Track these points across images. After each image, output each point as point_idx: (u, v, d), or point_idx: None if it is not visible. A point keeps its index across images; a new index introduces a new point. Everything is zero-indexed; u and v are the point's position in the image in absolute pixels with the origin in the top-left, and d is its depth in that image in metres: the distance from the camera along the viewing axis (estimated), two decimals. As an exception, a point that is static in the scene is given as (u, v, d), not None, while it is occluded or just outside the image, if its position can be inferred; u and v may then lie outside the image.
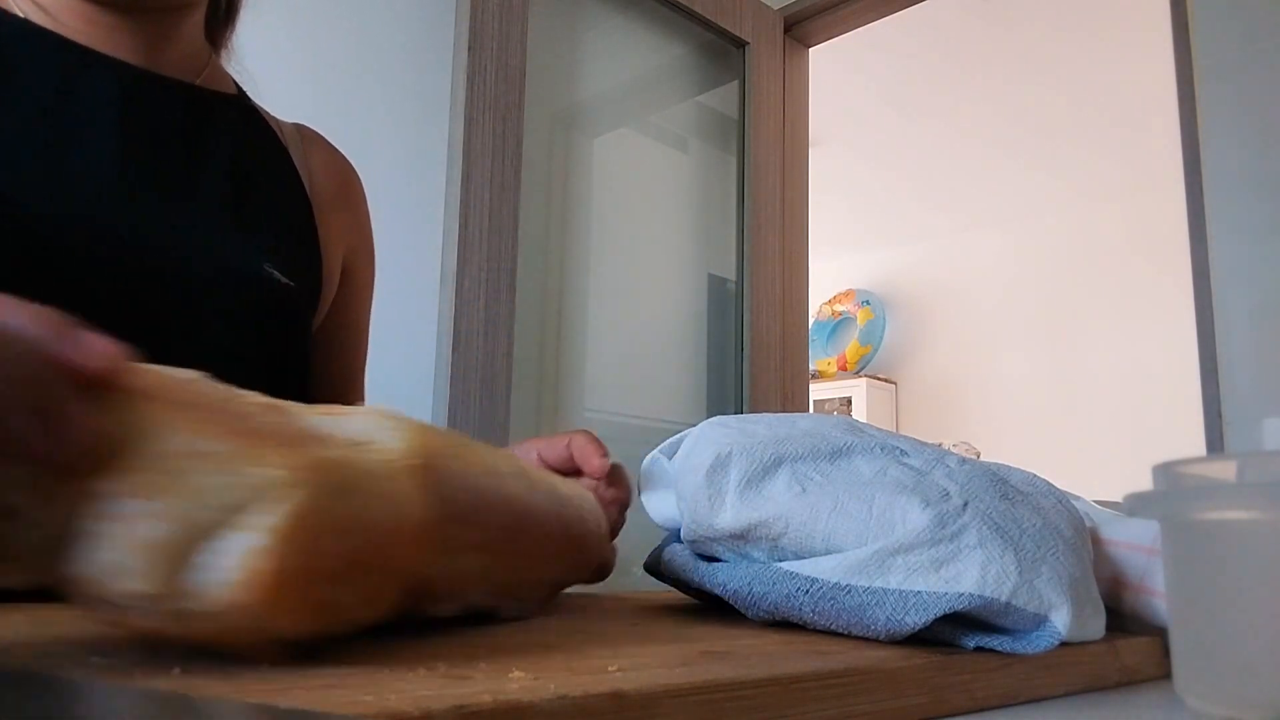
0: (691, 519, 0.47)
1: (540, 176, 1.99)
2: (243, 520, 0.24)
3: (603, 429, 2.03)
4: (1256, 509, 0.33)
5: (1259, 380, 1.61)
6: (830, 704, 0.30)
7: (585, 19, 2.15)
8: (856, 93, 3.49)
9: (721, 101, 2.38)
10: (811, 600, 0.40)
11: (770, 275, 2.30)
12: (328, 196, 0.77)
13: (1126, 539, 0.48)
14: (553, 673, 0.27)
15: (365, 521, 0.27)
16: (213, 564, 0.24)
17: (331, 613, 0.27)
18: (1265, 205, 1.64)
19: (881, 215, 4.72)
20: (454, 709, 0.21)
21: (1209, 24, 1.72)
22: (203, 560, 0.24)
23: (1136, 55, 3.13)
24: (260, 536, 0.24)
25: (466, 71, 1.75)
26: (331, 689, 0.23)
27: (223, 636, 0.25)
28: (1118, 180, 4.13)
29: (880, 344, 5.01)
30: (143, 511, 0.24)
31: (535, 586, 0.44)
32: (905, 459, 0.46)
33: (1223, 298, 1.66)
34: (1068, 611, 0.38)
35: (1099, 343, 4.32)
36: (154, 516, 0.24)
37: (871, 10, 2.34)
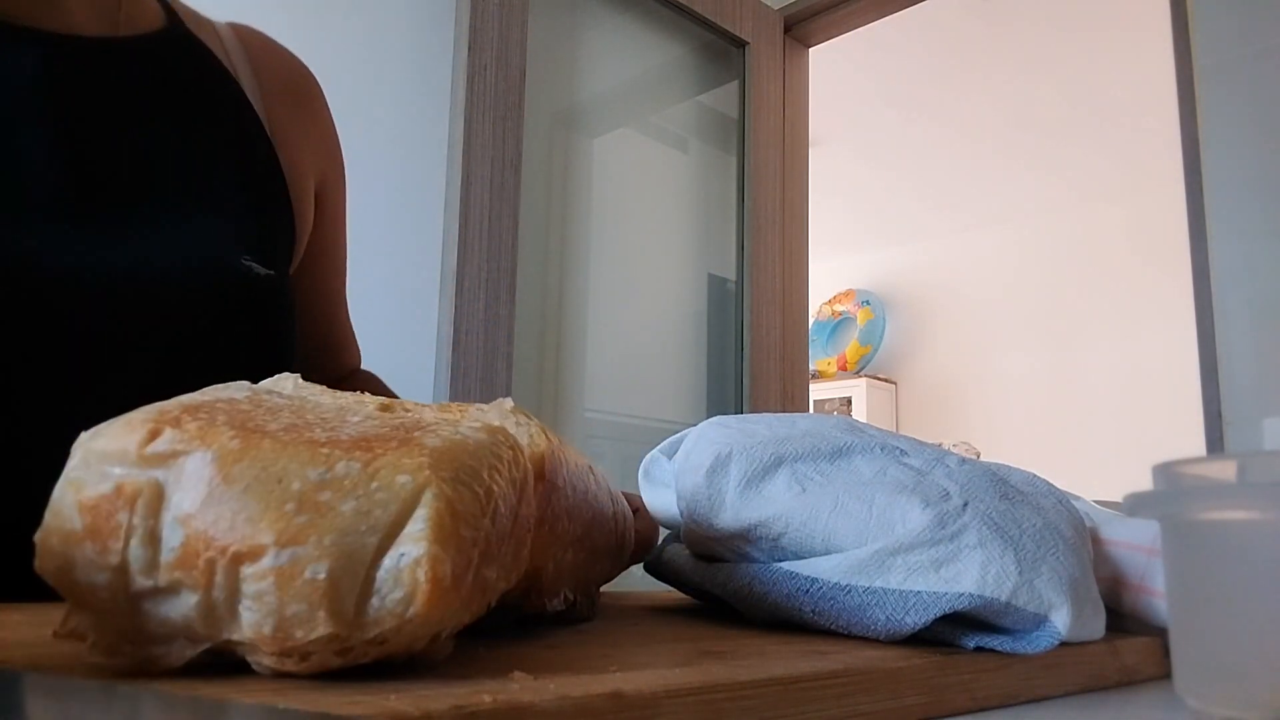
0: (691, 519, 0.47)
1: (540, 177, 1.99)
2: (399, 534, 0.24)
3: (603, 429, 2.04)
4: (1256, 509, 0.33)
5: (1259, 380, 1.61)
6: (830, 704, 0.30)
7: (585, 19, 2.15)
8: (856, 93, 3.49)
9: (721, 101, 2.38)
10: (811, 600, 0.40)
11: (770, 275, 2.30)
12: (286, 119, 0.70)
13: (1126, 539, 0.48)
14: (553, 673, 0.27)
15: (495, 494, 0.27)
16: (386, 585, 0.24)
17: (488, 591, 0.27)
18: (1265, 205, 1.64)
19: (881, 215, 4.72)
20: (454, 709, 0.21)
21: (1209, 24, 1.72)
22: (377, 585, 0.24)
23: (1136, 55, 3.13)
24: (420, 545, 0.24)
25: (466, 71, 1.75)
26: (331, 689, 0.23)
27: (401, 649, 0.25)
28: (1117, 180, 4.13)
29: (880, 344, 5.01)
30: (300, 558, 0.23)
31: (598, 583, 0.45)
32: (905, 459, 0.46)
33: (1223, 298, 1.66)
34: (1068, 611, 0.38)
35: (1099, 343, 4.32)
36: (313, 560, 0.23)
37: (871, 10, 2.34)
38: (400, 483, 0.25)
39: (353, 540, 0.24)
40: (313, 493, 0.24)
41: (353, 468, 0.25)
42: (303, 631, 0.23)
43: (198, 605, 0.24)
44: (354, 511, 0.24)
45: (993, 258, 4.74)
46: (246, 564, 0.23)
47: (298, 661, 0.24)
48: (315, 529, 0.23)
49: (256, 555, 0.23)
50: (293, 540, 0.23)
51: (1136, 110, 3.49)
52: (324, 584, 0.23)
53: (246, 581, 0.23)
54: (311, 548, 0.23)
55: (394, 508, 0.24)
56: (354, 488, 0.24)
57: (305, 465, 0.25)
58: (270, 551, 0.23)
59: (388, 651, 0.25)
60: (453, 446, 0.26)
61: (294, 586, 0.23)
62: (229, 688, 0.23)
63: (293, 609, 0.23)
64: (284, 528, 0.23)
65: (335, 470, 0.25)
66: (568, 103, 2.12)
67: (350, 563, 0.23)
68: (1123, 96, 3.42)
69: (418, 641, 0.25)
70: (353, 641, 0.24)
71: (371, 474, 0.25)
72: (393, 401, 0.36)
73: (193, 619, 0.24)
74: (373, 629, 0.24)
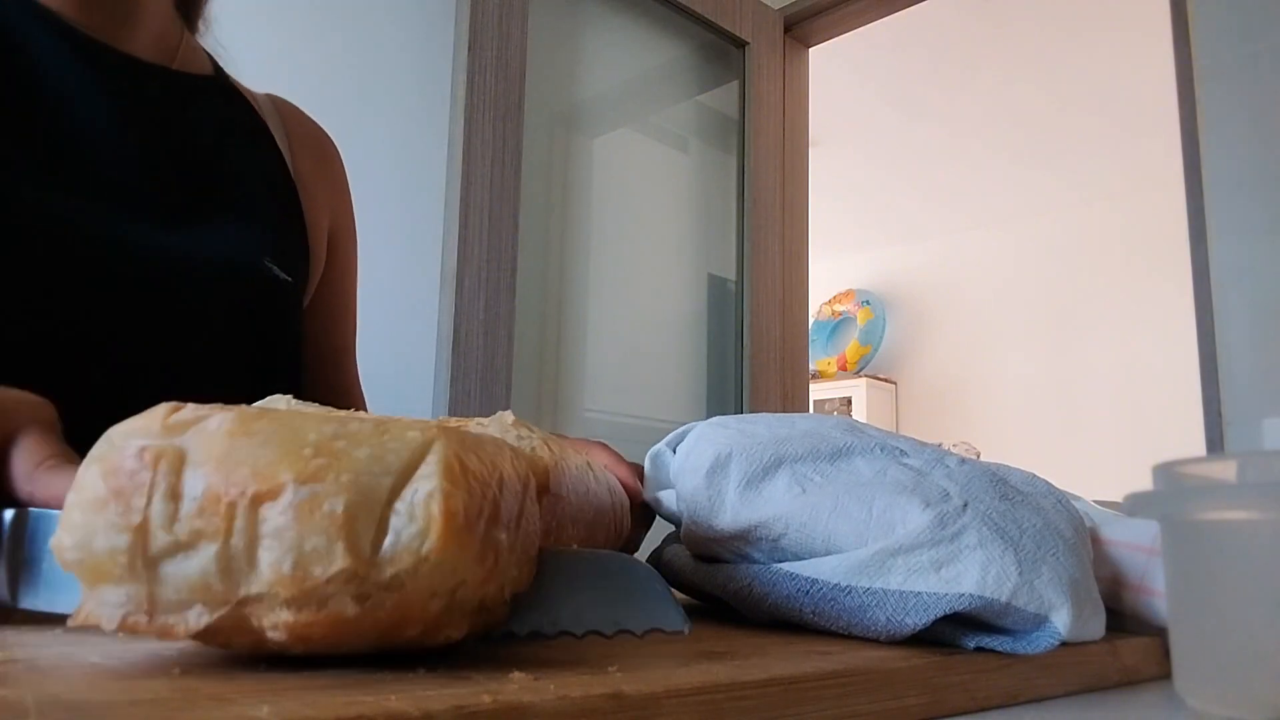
0: (691, 520, 0.47)
1: (540, 176, 1.99)
2: (412, 475, 0.25)
3: (603, 429, 2.04)
4: (1256, 509, 0.33)
5: (1259, 380, 1.61)
6: (830, 704, 0.30)
7: (585, 19, 2.15)
8: (856, 93, 3.49)
9: (721, 101, 2.38)
10: (811, 601, 0.40)
11: (770, 275, 2.30)
12: (309, 171, 0.78)
13: (1126, 539, 0.48)
14: (553, 673, 0.27)
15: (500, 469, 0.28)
16: (400, 522, 0.25)
17: (499, 557, 0.27)
18: (1265, 205, 1.64)
19: (881, 215, 4.73)
20: (454, 709, 0.21)
21: (1209, 24, 1.72)
22: (392, 524, 0.25)
23: (1136, 55, 3.13)
24: (433, 481, 0.25)
25: (466, 71, 1.75)
26: (331, 689, 0.23)
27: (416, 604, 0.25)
28: (1117, 180, 4.13)
29: (880, 344, 5.01)
30: (319, 493, 0.24)
31: None
32: (905, 459, 0.46)
33: (1223, 298, 1.66)
34: (1068, 612, 0.38)
35: (1099, 343, 4.32)
36: (331, 494, 0.24)
37: (871, 10, 2.34)
38: (410, 436, 0.26)
39: (368, 479, 0.25)
40: (329, 441, 0.25)
41: (365, 425, 0.26)
42: (321, 567, 0.24)
43: (217, 556, 0.24)
44: (369, 456, 0.25)
45: (993, 258, 4.74)
46: (267, 502, 0.24)
47: (315, 611, 0.24)
48: (332, 469, 0.25)
49: (276, 493, 0.24)
50: (312, 478, 0.24)
51: (1136, 110, 3.49)
52: (341, 517, 0.24)
53: (266, 522, 0.24)
54: (329, 484, 0.24)
55: (405, 454, 0.25)
56: (367, 438, 0.26)
57: (320, 423, 0.26)
58: (289, 488, 0.24)
59: (404, 602, 0.25)
60: (458, 429, 0.28)
61: (313, 520, 0.24)
62: (229, 687, 0.23)
63: (311, 543, 0.24)
64: (302, 468, 0.24)
65: (349, 427, 0.26)
66: (568, 103, 2.12)
67: (366, 498, 0.25)
68: (1122, 96, 3.42)
69: (432, 599, 0.25)
70: (369, 584, 0.24)
71: (383, 430, 0.26)
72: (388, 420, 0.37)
73: (211, 573, 0.24)
74: (389, 568, 0.24)
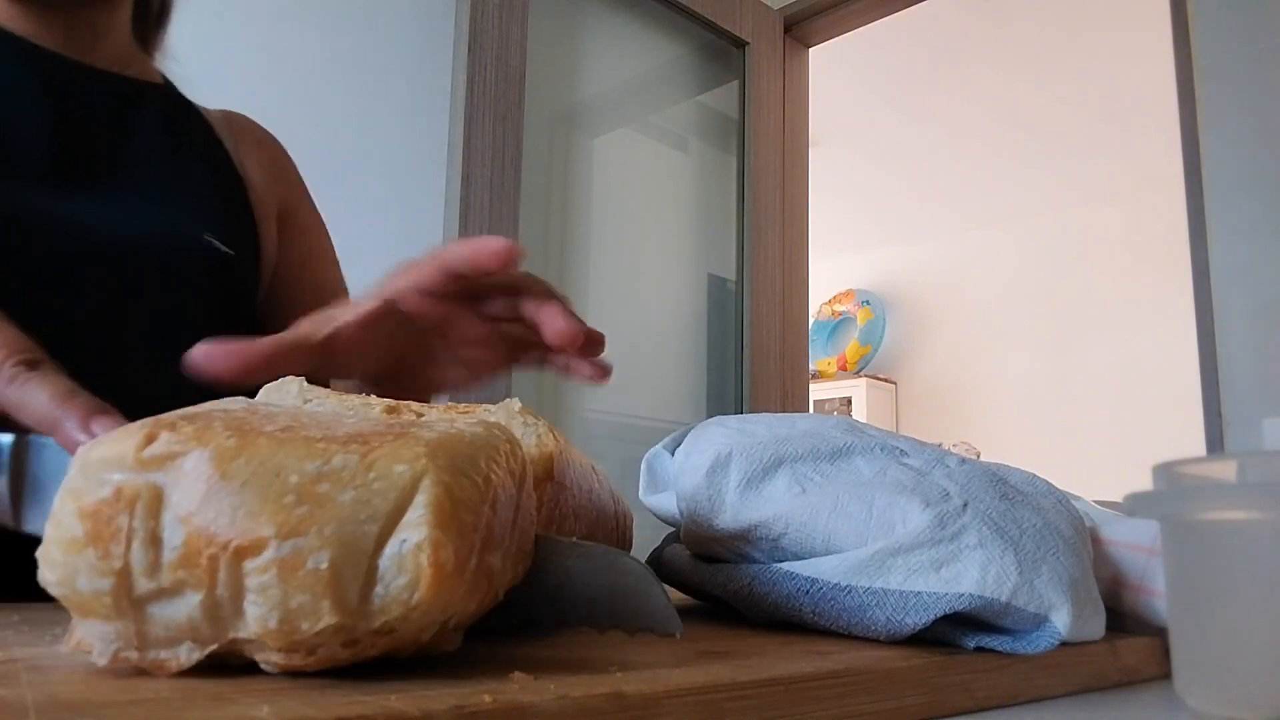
0: (691, 519, 0.47)
1: (540, 176, 1.99)
2: (399, 521, 0.24)
3: (603, 429, 2.04)
4: (1256, 509, 0.33)
5: (1259, 380, 1.61)
6: (830, 704, 0.30)
7: (585, 19, 2.15)
8: (856, 93, 3.49)
9: (721, 101, 2.38)
10: (812, 601, 0.40)
11: (770, 275, 2.30)
12: (253, 161, 0.79)
13: (1126, 539, 0.48)
14: (553, 673, 0.27)
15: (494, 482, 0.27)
16: (390, 573, 0.24)
17: (494, 580, 0.27)
18: (1265, 205, 1.64)
19: (881, 215, 4.73)
20: (454, 709, 0.21)
21: (1209, 24, 1.72)
22: (380, 572, 0.24)
23: (1136, 55, 3.13)
24: (421, 530, 0.24)
25: (466, 71, 1.75)
26: (331, 689, 0.23)
27: (409, 639, 0.25)
28: (1117, 180, 4.13)
29: (880, 344, 5.01)
30: (302, 548, 0.23)
31: None
32: (905, 459, 0.46)
33: (1223, 298, 1.66)
34: (1068, 611, 0.38)
35: (1099, 343, 4.32)
36: (315, 549, 0.23)
37: (871, 10, 2.34)
38: (398, 472, 0.25)
39: (353, 529, 0.24)
40: (311, 485, 0.24)
41: (350, 459, 0.25)
42: (308, 623, 0.23)
43: (202, 604, 0.24)
44: (353, 501, 0.24)
45: (993, 258, 4.74)
46: (249, 558, 0.23)
47: (304, 656, 0.24)
48: (315, 519, 0.24)
49: (259, 549, 0.23)
50: (294, 531, 0.23)
51: (1136, 110, 3.49)
52: (327, 573, 0.23)
53: (250, 576, 0.23)
54: (313, 538, 0.23)
55: (393, 496, 0.24)
56: (352, 479, 0.24)
57: (302, 459, 0.25)
58: (272, 544, 0.23)
59: (395, 643, 0.25)
60: (449, 439, 0.27)
61: (297, 577, 0.23)
62: (228, 687, 0.23)
63: (297, 600, 0.23)
64: (284, 519, 0.23)
65: (332, 463, 0.25)
66: (568, 103, 2.12)
67: (352, 551, 0.24)
68: (1122, 97, 3.42)
69: (425, 632, 0.25)
70: (359, 632, 0.24)
71: (369, 465, 0.25)
72: (400, 404, 0.36)
73: (198, 619, 0.24)
74: (378, 618, 0.24)
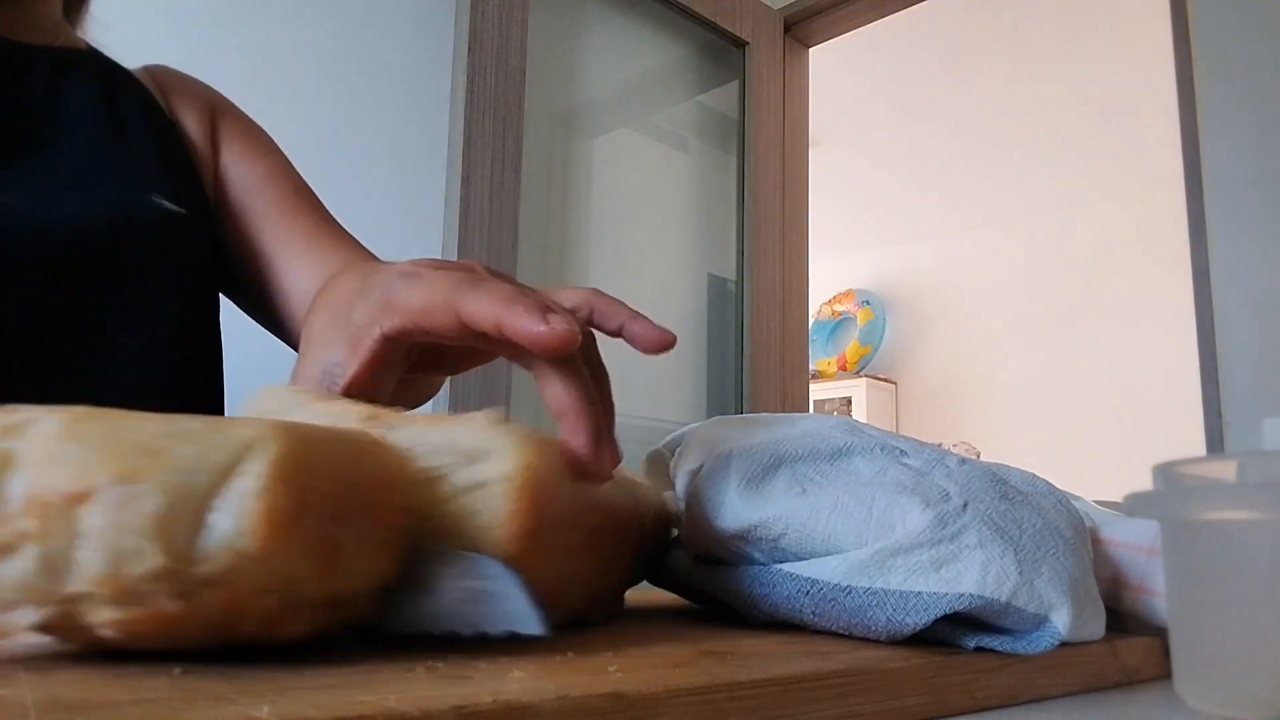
0: (691, 520, 0.47)
1: (540, 176, 1.99)
2: (235, 475, 0.25)
3: (603, 429, 2.03)
4: (1256, 509, 0.33)
5: (1259, 380, 1.61)
6: (830, 704, 0.30)
7: (585, 19, 2.15)
8: (856, 93, 3.49)
9: (721, 101, 2.38)
10: (812, 602, 0.40)
11: (770, 275, 2.30)
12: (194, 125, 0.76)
13: (1126, 539, 0.48)
14: (553, 673, 0.27)
15: (345, 460, 0.28)
16: (217, 521, 0.24)
17: (339, 554, 0.27)
18: (1265, 205, 1.64)
19: (881, 215, 4.73)
20: (454, 709, 0.21)
21: (1209, 23, 1.72)
22: (208, 520, 0.24)
23: (1136, 55, 3.13)
24: (254, 479, 0.25)
25: (466, 71, 1.75)
26: (331, 689, 0.23)
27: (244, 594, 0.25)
28: (1117, 180, 4.13)
29: (880, 344, 5.01)
30: (135, 494, 0.24)
31: (616, 588, 0.45)
32: (905, 459, 0.46)
33: (1223, 298, 1.66)
34: (1068, 611, 0.38)
35: (1099, 343, 4.32)
36: (145, 494, 0.24)
37: (871, 10, 2.34)
38: (240, 432, 0.26)
39: (188, 478, 0.24)
40: (152, 440, 0.25)
41: (196, 424, 0.26)
42: (136, 566, 0.24)
43: (38, 557, 0.24)
44: (193, 454, 0.25)
45: (993, 258, 4.74)
46: (81, 504, 0.24)
47: (136, 607, 0.24)
48: (149, 469, 0.24)
49: (90, 494, 0.24)
50: (127, 478, 0.24)
51: (1136, 110, 3.49)
52: (155, 515, 0.24)
53: (81, 520, 0.24)
54: (145, 483, 0.24)
55: (232, 448, 0.25)
56: (196, 435, 0.25)
57: (150, 423, 0.26)
58: (104, 489, 0.24)
59: (230, 601, 0.25)
60: (306, 425, 0.28)
61: (125, 520, 0.24)
62: (229, 687, 0.23)
63: (125, 542, 0.24)
64: (119, 467, 0.24)
65: (180, 424, 0.26)
66: (568, 103, 2.12)
67: (183, 497, 0.24)
68: (1122, 97, 3.42)
69: (264, 595, 0.25)
70: (188, 580, 0.24)
71: (215, 429, 0.26)
72: (380, 411, 0.36)
73: (33, 574, 0.24)
74: (207, 564, 0.24)
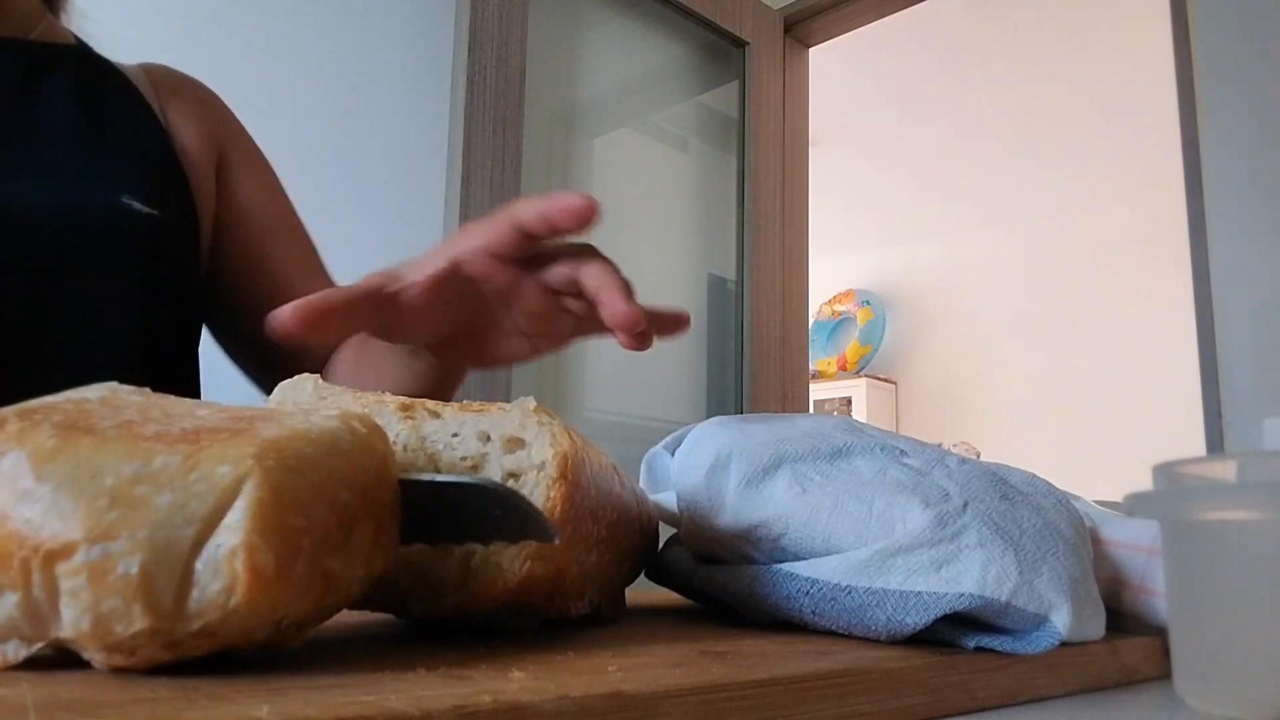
0: (691, 519, 0.47)
1: (540, 176, 1.99)
2: (217, 525, 0.24)
3: (603, 429, 2.04)
4: (1256, 509, 0.33)
5: (1259, 380, 1.61)
6: (830, 704, 0.30)
7: (585, 19, 2.15)
8: (856, 93, 3.49)
9: (721, 101, 2.38)
10: (812, 601, 0.40)
11: (770, 275, 2.30)
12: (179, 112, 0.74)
13: (1126, 539, 0.48)
14: (553, 673, 0.27)
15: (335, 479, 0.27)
16: (205, 577, 0.24)
17: (331, 582, 0.27)
18: (1265, 205, 1.64)
19: (881, 215, 4.72)
20: (454, 709, 0.21)
21: (1209, 24, 1.72)
22: (196, 576, 0.24)
23: (1136, 55, 3.13)
24: (237, 535, 0.24)
25: (466, 71, 1.75)
26: (331, 689, 0.23)
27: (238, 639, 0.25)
28: (1118, 180, 4.13)
29: (880, 344, 5.01)
30: (113, 553, 0.23)
31: (622, 584, 0.45)
32: (905, 459, 0.46)
33: (1223, 298, 1.66)
34: (1068, 611, 0.38)
35: (1099, 343, 4.32)
36: (125, 555, 0.23)
37: (871, 10, 2.34)
38: (220, 473, 0.24)
39: (167, 533, 0.23)
40: (127, 487, 0.24)
41: (172, 460, 0.24)
42: (121, 626, 0.23)
43: (20, 605, 0.24)
44: (170, 504, 0.24)
45: (993, 258, 4.74)
46: (60, 562, 0.23)
47: (126, 656, 0.24)
48: (127, 524, 0.23)
49: (68, 553, 0.23)
50: (104, 536, 0.23)
51: (1136, 110, 3.49)
52: (137, 578, 0.23)
53: (62, 579, 0.23)
54: (124, 542, 0.23)
55: (212, 499, 0.24)
56: (171, 480, 0.24)
57: (121, 461, 0.24)
58: (81, 548, 0.23)
59: (222, 643, 0.25)
60: (287, 436, 0.26)
61: (107, 582, 0.23)
62: (229, 687, 0.23)
63: (108, 604, 0.23)
64: (95, 524, 0.23)
65: (153, 465, 0.24)
66: (568, 103, 2.12)
67: (164, 556, 0.23)
68: (1122, 97, 3.42)
69: (255, 631, 0.25)
70: (177, 634, 0.24)
71: (191, 466, 0.24)
72: (414, 401, 0.36)
73: (18, 619, 0.24)
74: (195, 621, 0.24)
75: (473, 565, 0.33)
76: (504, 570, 0.32)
